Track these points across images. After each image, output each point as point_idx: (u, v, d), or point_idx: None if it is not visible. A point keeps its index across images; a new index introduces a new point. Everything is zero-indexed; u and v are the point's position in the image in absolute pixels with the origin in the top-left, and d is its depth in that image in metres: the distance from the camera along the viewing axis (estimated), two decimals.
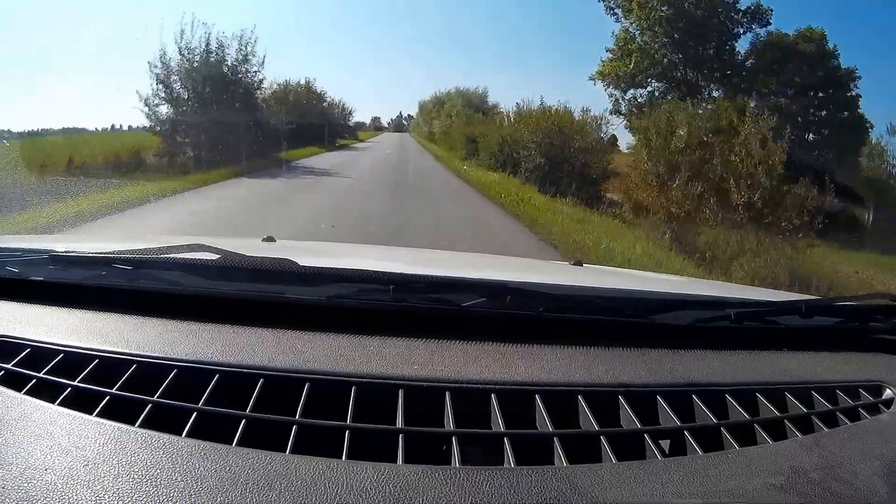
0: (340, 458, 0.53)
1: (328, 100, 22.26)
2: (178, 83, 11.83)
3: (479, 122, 17.04)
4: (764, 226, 6.80)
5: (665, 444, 0.63)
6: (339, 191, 9.92)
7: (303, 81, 19.86)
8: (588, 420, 0.63)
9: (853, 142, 10.06)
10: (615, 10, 11.30)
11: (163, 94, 11.75)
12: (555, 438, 0.59)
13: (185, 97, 11.92)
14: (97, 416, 0.57)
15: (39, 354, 0.68)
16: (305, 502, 0.47)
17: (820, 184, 6.91)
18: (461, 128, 18.32)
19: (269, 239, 1.37)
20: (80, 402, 0.59)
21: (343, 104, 24.45)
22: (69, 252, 0.87)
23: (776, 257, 6.12)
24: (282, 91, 17.61)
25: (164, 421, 0.57)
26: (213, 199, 8.30)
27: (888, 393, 0.76)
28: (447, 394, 0.64)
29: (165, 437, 0.54)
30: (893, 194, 8.14)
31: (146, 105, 11.68)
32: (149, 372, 0.64)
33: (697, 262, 6.39)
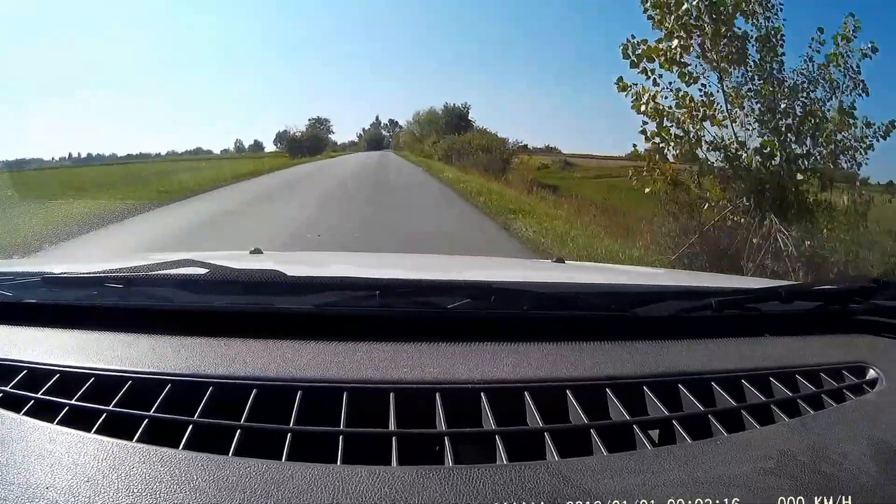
0: (335, 462, 0.54)
1: None
2: None
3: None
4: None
5: (654, 433, 0.63)
6: None
7: None
8: (577, 414, 0.64)
9: None
10: None
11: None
12: (545, 433, 0.59)
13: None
14: (95, 433, 0.58)
15: (36, 375, 0.68)
16: None
17: None
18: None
19: (257, 251, 1.38)
20: (78, 420, 0.60)
21: None
22: (61, 274, 0.88)
23: None
24: None
25: (161, 435, 0.57)
26: None
27: (871, 373, 0.77)
28: (437, 395, 0.64)
29: (163, 450, 0.54)
30: None
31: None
32: (144, 387, 0.65)
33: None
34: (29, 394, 0.65)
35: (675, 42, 5.03)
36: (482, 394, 0.65)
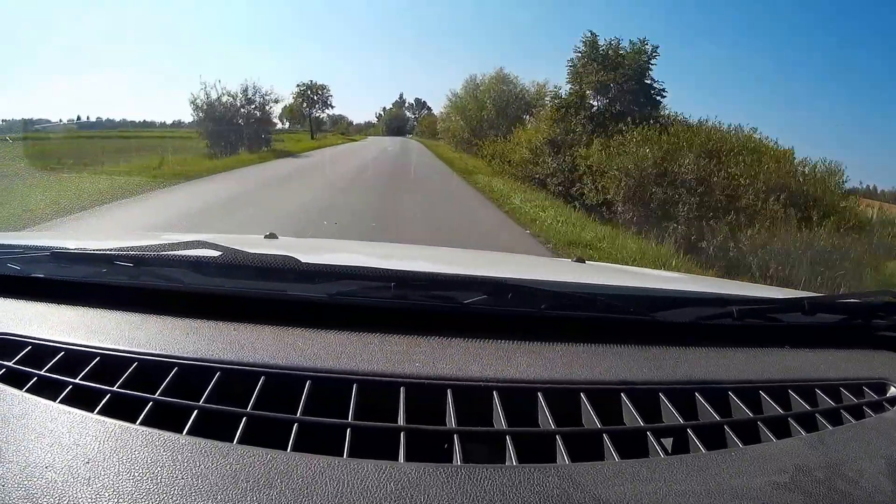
0: (342, 455, 0.53)
1: None
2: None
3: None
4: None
5: (668, 442, 0.62)
6: None
7: None
8: (590, 418, 0.63)
9: None
10: None
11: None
12: (557, 436, 0.58)
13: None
14: (98, 413, 0.57)
15: (41, 352, 0.67)
16: (306, 500, 0.47)
17: None
18: None
19: (272, 236, 1.37)
20: (82, 399, 0.59)
21: None
22: (71, 249, 0.87)
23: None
24: None
25: (165, 419, 0.57)
26: None
27: (892, 391, 0.76)
28: (449, 391, 0.63)
29: (166, 434, 0.54)
30: None
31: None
32: (150, 369, 0.64)
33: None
34: (32, 370, 0.64)
35: None
36: (494, 392, 0.64)
